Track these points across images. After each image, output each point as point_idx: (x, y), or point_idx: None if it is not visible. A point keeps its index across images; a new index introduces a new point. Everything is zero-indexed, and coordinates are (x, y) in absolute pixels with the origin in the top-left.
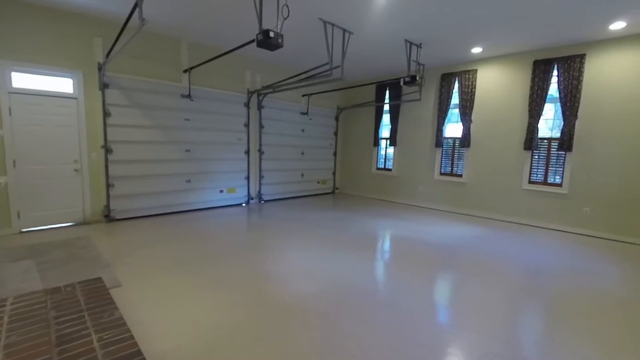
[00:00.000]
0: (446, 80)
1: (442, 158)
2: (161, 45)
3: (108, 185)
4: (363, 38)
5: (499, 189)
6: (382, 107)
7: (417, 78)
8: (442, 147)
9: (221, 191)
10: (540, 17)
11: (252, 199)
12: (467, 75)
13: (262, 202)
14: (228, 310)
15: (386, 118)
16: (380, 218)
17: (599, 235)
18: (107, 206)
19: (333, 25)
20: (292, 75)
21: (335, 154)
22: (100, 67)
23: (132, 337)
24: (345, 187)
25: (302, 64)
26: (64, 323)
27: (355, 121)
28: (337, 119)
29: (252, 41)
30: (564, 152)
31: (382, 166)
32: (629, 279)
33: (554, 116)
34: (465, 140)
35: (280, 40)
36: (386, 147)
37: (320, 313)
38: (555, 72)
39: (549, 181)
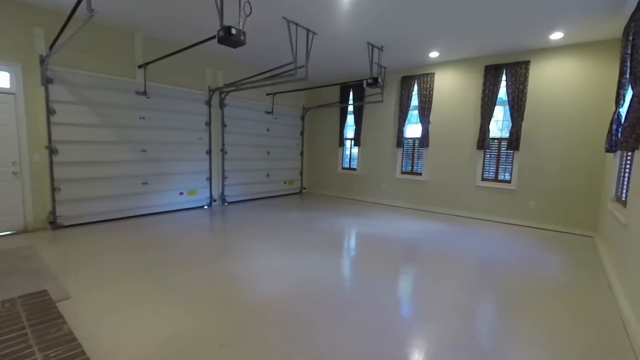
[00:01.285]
0: (406, 83)
1: (403, 157)
2: (113, 38)
3: (53, 190)
4: (327, 39)
5: (455, 186)
6: (347, 108)
7: (379, 80)
8: (403, 147)
9: (181, 193)
10: (488, 26)
11: (215, 201)
12: (425, 79)
13: (226, 204)
14: (190, 317)
15: (350, 119)
16: (347, 217)
17: (542, 227)
18: (53, 212)
19: (297, 24)
20: (255, 74)
21: (302, 153)
22: (42, 60)
23: (83, 352)
24: (312, 187)
25: (266, 62)
26: (2, 343)
27: (321, 121)
28: (303, 118)
29: (213, 37)
30: (512, 151)
31: (348, 166)
32: (566, 265)
33: (503, 118)
34: (424, 140)
35: (242, 38)
36: (351, 147)
37: (289, 314)
38: (504, 77)
39: (499, 178)
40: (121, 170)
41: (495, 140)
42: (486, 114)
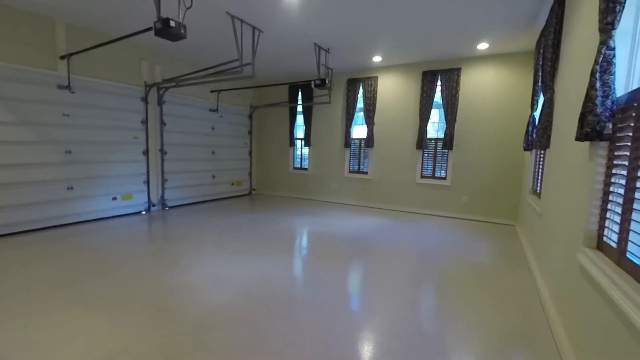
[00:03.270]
0: (352, 85)
1: (350, 157)
2: (30, 25)
3: None
4: (274, 37)
5: (397, 184)
6: (296, 107)
7: (327, 82)
8: (351, 147)
9: (114, 198)
10: (424, 36)
11: (154, 205)
12: (369, 82)
13: (167, 208)
14: (127, 334)
15: (300, 119)
16: (297, 216)
17: (473, 218)
18: None
19: (242, 21)
20: (198, 70)
21: (250, 153)
22: None
23: None
24: (262, 188)
25: (210, 58)
26: None
27: (270, 120)
28: (250, 117)
29: (149, 29)
30: (447, 151)
31: (299, 166)
32: (492, 251)
33: (439, 120)
34: (369, 141)
35: (182, 31)
36: (302, 147)
37: (238, 321)
38: (439, 82)
39: (436, 175)
40: (41, 174)
41: (432, 141)
42: (424, 116)
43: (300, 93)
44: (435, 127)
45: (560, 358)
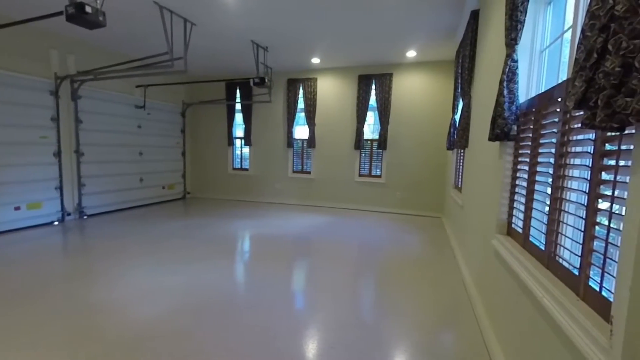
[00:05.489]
0: (292, 85)
1: (293, 157)
2: None
3: None
4: (208, 32)
5: (338, 182)
6: (234, 105)
7: (266, 80)
8: (293, 147)
9: (17, 208)
10: (358, 41)
11: (68, 214)
12: (309, 83)
13: (85, 217)
14: (45, 358)
15: (239, 117)
16: (238, 219)
17: (405, 212)
18: None
19: (172, 12)
20: (121, 62)
21: (184, 154)
22: None
23: None
24: (198, 191)
25: (135, 49)
26: None
27: (206, 119)
28: (183, 115)
29: (60, 13)
30: (381, 150)
31: (239, 166)
32: (422, 241)
33: (374, 122)
34: (311, 141)
35: (101, 19)
36: (242, 147)
37: (173, 335)
38: (373, 86)
39: (372, 174)
40: None
41: (369, 141)
42: (361, 118)
43: (238, 91)
44: (371, 128)
45: (481, 334)
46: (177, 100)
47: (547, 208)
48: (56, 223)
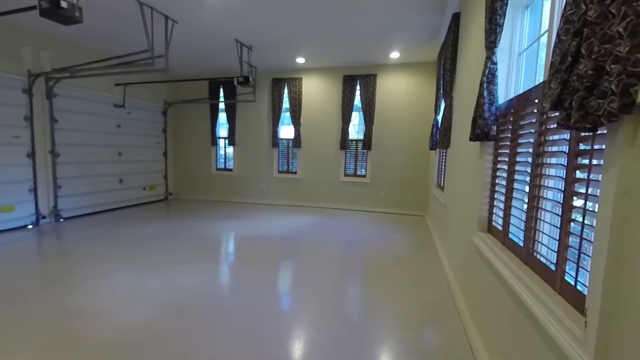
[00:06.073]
0: (277, 85)
1: (279, 157)
2: None
3: None
4: (190, 30)
5: (324, 182)
6: (218, 105)
7: (250, 79)
8: (279, 147)
9: None
10: (343, 42)
11: (43, 217)
12: (294, 82)
13: (62, 220)
14: None
15: (223, 117)
16: (222, 220)
17: (390, 211)
18: None
19: (152, 8)
20: (100, 59)
21: (165, 154)
22: None
23: None
24: (180, 192)
25: (115, 46)
26: None
27: (188, 118)
28: (165, 114)
29: (33, 8)
30: (366, 151)
31: (223, 166)
32: (407, 240)
33: (359, 122)
34: (297, 141)
35: (77, 14)
36: (225, 147)
37: (157, 341)
38: (358, 87)
39: (358, 174)
40: None
41: (354, 142)
42: (346, 119)
43: (222, 90)
44: (356, 128)
45: (463, 329)
46: (158, 99)
47: (525, 206)
48: (30, 226)
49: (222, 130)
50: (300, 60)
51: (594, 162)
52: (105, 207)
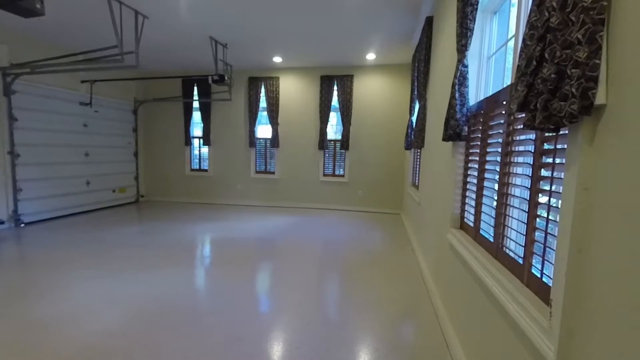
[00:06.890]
0: (254, 84)
1: (256, 157)
2: None
3: None
4: (162, 26)
5: (303, 182)
6: (192, 103)
7: (226, 78)
8: (256, 147)
9: None
10: (319, 42)
11: (2, 223)
12: (271, 81)
13: (22, 225)
14: None
15: (197, 116)
16: (197, 223)
17: (367, 210)
18: None
19: (121, 3)
20: (64, 54)
21: (136, 154)
22: None
23: None
24: (152, 194)
25: (81, 41)
26: None
27: (161, 117)
28: (135, 112)
29: None
30: (344, 151)
31: (197, 167)
32: (383, 237)
33: (337, 122)
34: (274, 141)
35: (39, 6)
36: (200, 147)
37: (128, 349)
38: (335, 87)
39: (336, 173)
40: None
41: (332, 142)
42: (324, 119)
43: (196, 88)
44: (334, 129)
45: (439, 323)
46: (128, 97)
47: (495, 203)
48: None
49: (197, 130)
50: (277, 59)
51: (557, 160)
52: (71, 211)
